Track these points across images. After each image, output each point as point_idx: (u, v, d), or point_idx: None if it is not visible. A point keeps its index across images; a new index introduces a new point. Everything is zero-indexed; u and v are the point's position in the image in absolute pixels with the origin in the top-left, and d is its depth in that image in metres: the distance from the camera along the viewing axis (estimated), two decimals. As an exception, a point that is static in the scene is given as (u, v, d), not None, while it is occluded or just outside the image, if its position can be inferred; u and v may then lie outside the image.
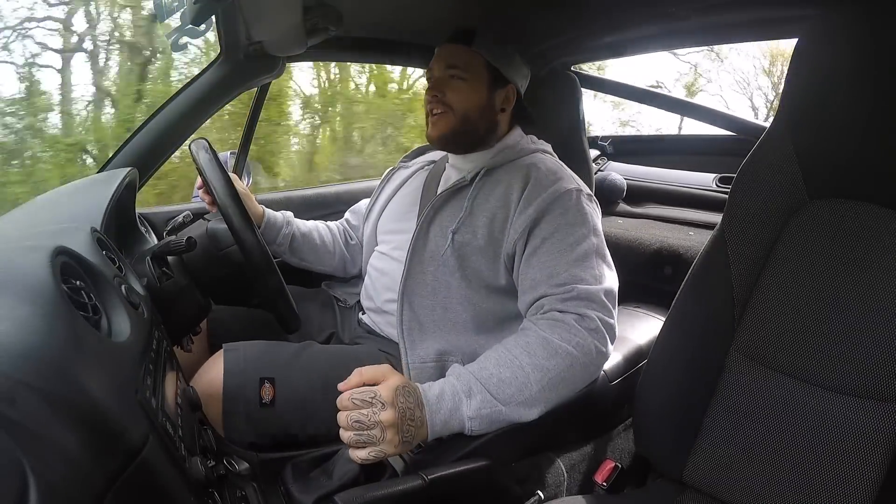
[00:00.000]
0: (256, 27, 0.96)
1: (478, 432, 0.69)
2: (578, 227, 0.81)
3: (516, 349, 0.73)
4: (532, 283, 0.81)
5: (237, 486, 0.63)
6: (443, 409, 0.67)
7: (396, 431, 0.62)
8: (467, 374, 0.71)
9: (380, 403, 0.62)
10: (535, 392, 0.70)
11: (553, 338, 0.73)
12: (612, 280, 0.81)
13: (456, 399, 0.68)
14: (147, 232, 1.02)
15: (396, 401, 0.63)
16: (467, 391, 0.69)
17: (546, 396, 0.72)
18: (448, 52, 0.94)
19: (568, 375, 0.73)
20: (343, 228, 1.18)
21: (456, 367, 0.74)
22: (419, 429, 0.65)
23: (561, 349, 0.72)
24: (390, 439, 0.62)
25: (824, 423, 0.64)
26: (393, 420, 0.62)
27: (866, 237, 0.63)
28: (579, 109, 1.33)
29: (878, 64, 0.61)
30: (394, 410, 0.63)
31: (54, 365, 0.33)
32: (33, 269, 0.40)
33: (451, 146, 0.98)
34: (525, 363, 0.71)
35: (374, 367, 0.67)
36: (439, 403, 0.68)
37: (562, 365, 0.72)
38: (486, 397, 0.69)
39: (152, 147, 1.10)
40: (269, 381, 0.79)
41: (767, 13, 0.97)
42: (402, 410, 0.63)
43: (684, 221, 1.52)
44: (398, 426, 0.62)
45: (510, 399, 0.70)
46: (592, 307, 0.75)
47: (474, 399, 0.69)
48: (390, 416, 0.62)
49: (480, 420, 0.68)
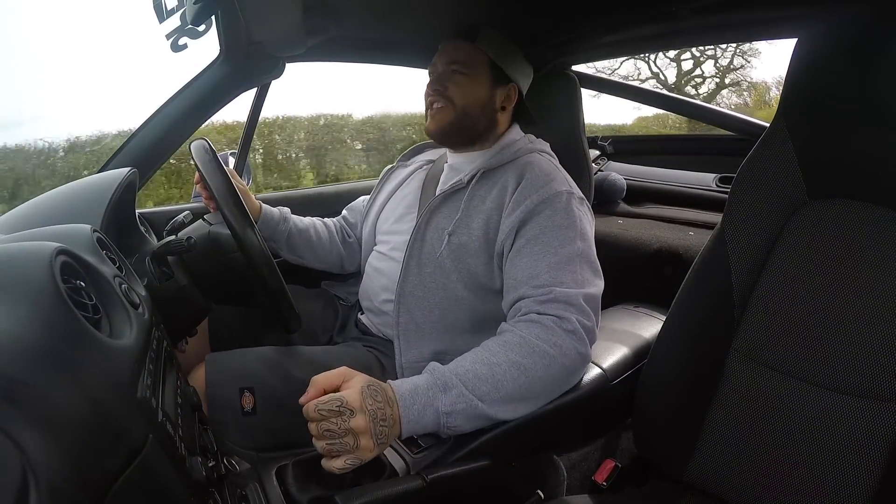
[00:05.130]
0: (256, 27, 0.96)
1: (454, 429, 0.67)
2: (565, 229, 0.81)
3: (494, 347, 0.72)
4: (514, 284, 0.80)
5: (237, 485, 0.63)
6: (416, 404, 0.65)
7: (370, 436, 0.60)
8: (443, 370, 0.69)
9: (348, 411, 0.59)
10: (511, 389, 0.69)
11: (530, 337, 0.72)
12: (595, 285, 0.79)
13: (430, 394, 0.66)
14: (147, 232, 1.02)
15: (364, 404, 0.60)
16: (443, 385, 0.67)
17: (525, 395, 0.70)
18: (451, 48, 0.95)
19: (546, 375, 0.71)
20: (340, 225, 1.18)
21: (433, 363, 0.72)
22: (392, 427, 0.63)
23: (538, 348, 0.71)
24: (364, 445, 0.59)
25: (824, 423, 0.64)
26: (364, 426, 0.59)
27: (866, 237, 0.63)
28: (579, 109, 1.33)
29: (877, 63, 0.61)
30: (363, 415, 0.59)
31: (54, 364, 0.33)
32: (33, 268, 0.40)
33: (449, 140, 0.98)
34: (502, 360, 0.70)
35: (329, 374, 0.63)
36: (413, 398, 0.65)
37: (540, 364, 0.70)
38: (462, 391, 0.67)
39: (152, 147, 1.11)
40: (249, 389, 0.78)
41: (767, 13, 0.97)
42: (373, 413, 0.60)
43: (684, 221, 1.52)
44: (370, 430, 0.60)
45: (486, 395, 0.67)
46: (570, 310, 0.74)
47: (449, 394, 0.66)
48: (360, 422, 0.59)
49: (456, 415, 0.66)
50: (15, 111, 6.74)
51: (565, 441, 0.85)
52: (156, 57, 6.50)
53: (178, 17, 0.77)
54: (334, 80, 10.78)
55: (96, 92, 7.54)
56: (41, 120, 7.96)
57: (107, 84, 7.95)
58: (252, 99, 1.33)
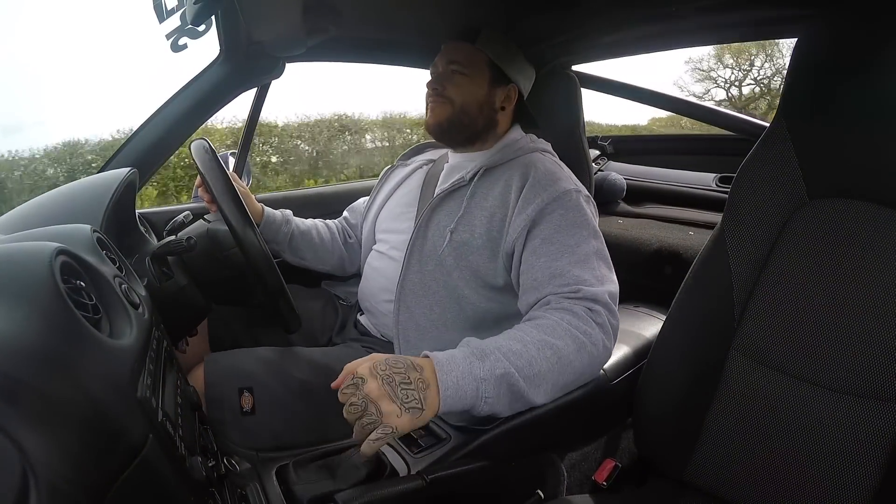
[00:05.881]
0: (256, 27, 0.96)
1: (490, 401, 0.64)
2: (579, 228, 0.81)
3: (526, 328, 0.71)
4: (535, 284, 0.79)
5: (237, 485, 0.63)
6: (454, 371, 0.62)
7: (389, 400, 0.58)
8: (478, 342, 0.68)
9: (359, 380, 0.59)
10: (544, 369, 0.67)
11: (563, 322, 0.71)
12: (613, 282, 0.80)
13: (468, 361, 0.64)
14: (147, 232, 1.02)
15: (376, 370, 0.59)
16: (480, 354, 0.65)
17: (555, 378, 0.69)
18: (451, 49, 0.95)
19: (576, 360, 0.70)
20: (342, 227, 1.18)
21: (467, 338, 0.70)
22: (425, 391, 0.60)
23: (570, 332, 0.70)
24: (387, 410, 0.57)
25: (824, 423, 0.64)
26: (377, 390, 0.58)
27: (866, 236, 0.63)
28: (579, 109, 1.33)
29: (877, 63, 0.61)
30: (374, 380, 0.59)
31: (54, 364, 0.33)
32: (33, 268, 0.40)
33: (448, 137, 0.98)
34: (535, 339, 0.68)
35: (357, 360, 0.62)
36: (451, 365, 0.63)
37: (571, 347, 0.69)
38: (499, 357, 0.65)
39: (152, 147, 1.10)
40: (248, 390, 0.78)
41: (767, 13, 0.97)
42: (386, 376, 0.59)
43: (684, 221, 1.52)
44: (388, 394, 0.58)
45: (521, 369, 0.66)
46: (599, 306, 0.74)
47: (487, 360, 0.64)
48: (372, 386, 0.58)
49: (493, 382, 0.64)
50: (15, 115, 6.73)
51: (565, 441, 0.85)
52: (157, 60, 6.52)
53: (178, 17, 0.77)
54: (399, 81, 10.78)
55: (96, 95, 7.55)
56: (41, 125, 7.97)
57: (106, 87, 7.96)
58: (252, 99, 1.33)
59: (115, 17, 8.36)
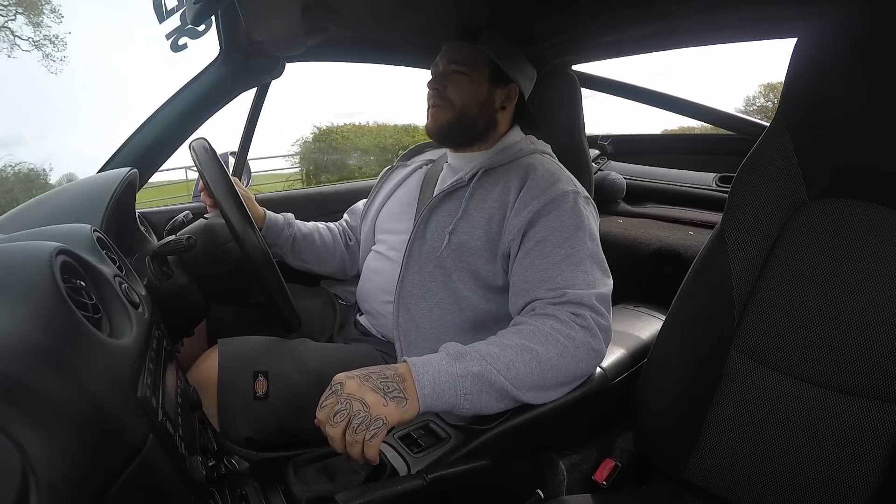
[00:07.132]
0: (256, 27, 0.96)
1: (471, 398, 0.64)
2: (574, 230, 0.81)
3: (507, 333, 0.72)
4: (524, 286, 0.79)
5: (237, 485, 0.63)
6: (430, 370, 0.63)
7: (371, 390, 0.59)
8: (457, 345, 0.69)
9: (337, 385, 0.60)
10: (522, 372, 0.67)
11: (544, 327, 0.72)
12: (606, 285, 0.79)
13: (444, 362, 0.65)
14: (147, 232, 1.02)
15: (351, 374, 0.61)
16: (456, 355, 0.66)
17: (536, 381, 0.69)
18: (452, 49, 0.95)
19: (559, 363, 0.70)
20: (342, 229, 1.18)
21: (445, 343, 0.70)
22: (403, 383, 0.61)
23: (552, 337, 0.71)
24: (371, 400, 0.58)
25: (824, 423, 0.64)
26: (357, 386, 0.59)
27: (866, 236, 0.63)
28: (579, 109, 1.33)
29: (877, 63, 0.61)
30: (352, 380, 0.60)
31: (55, 364, 0.33)
32: (33, 268, 0.40)
33: (448, 140, 0.98)
34: (514, 343, 0.69)
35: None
36: (426, 364, 0.64)
37: (552, 351, 0.70)
38: (475, 357, 0.66)
39: (152, 147, 1.11)
40: (263, 374, 0.78)
41: (767, 12, 0.97)
42: (363, 375, 0.61)
43: (684, 221, 1.52)
44: (368, 387, 0.59)
45: (500, 371, 0.66)
46: (584, 309, 0.74)
47: (462, 360, 0.65)
48: (352, 385, 0.59)
49: (470, 379, 0.64)
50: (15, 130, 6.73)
51: (565, 441, 0.85)
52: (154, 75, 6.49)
53: (178, 17, 0.77)
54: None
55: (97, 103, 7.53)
56: (41, 139, 7.97)
57: (107, 91, 7.95)
58: (252, 99, 1.33)
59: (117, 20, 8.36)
